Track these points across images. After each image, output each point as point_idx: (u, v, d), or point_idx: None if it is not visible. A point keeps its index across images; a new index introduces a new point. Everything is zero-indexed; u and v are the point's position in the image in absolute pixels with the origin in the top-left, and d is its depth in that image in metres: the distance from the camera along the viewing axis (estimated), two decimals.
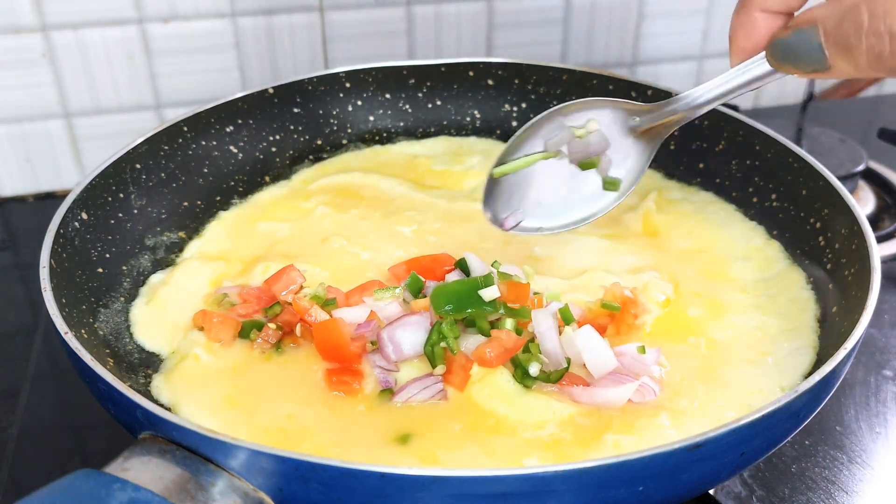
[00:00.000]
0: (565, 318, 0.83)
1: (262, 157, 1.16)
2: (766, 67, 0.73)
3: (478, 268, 0.89)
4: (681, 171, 1.13)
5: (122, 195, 1.00)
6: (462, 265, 0.90)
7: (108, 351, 0.84)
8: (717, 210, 1.07)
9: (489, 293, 0.80)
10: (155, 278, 0.97)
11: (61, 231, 0.88)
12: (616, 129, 0.86)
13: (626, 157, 0.88)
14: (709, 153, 1.11)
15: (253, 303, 0.89)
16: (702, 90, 0.80)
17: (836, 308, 0.87)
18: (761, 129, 1.05)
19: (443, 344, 0.80)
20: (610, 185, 0.87)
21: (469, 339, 0.82)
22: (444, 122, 1.24)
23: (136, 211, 1.01)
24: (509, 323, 0.82)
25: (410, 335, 0.81)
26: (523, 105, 1.23)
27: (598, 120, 0.86)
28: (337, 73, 1.20)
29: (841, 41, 0.64)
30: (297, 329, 0.85)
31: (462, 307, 0.81)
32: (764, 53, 0.72)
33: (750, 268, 0.97)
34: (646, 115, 0.85)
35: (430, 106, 1.24)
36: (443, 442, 0.75)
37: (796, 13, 0.70)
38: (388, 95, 1.23)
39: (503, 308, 0.82)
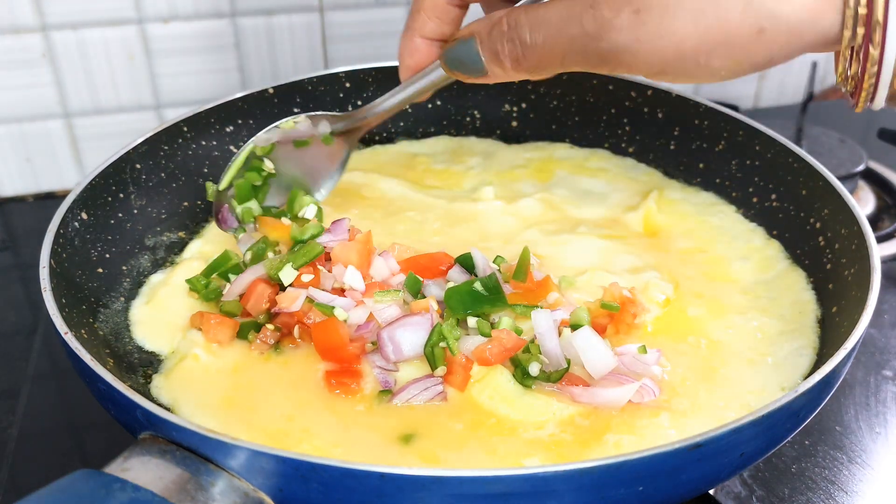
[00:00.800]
0: (578, 320, 0.83)
1: None
2: (440, 73, 0.86)
3: (482, 264, 0.89)
4: (681, 171, 1.13)
5: (122, 195, 1.00)
6: (463, 261, 0.90)
7: (108, 351, 0.84)
8: (717, 210, 1.07)
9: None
10: (155, 278, 0.97)
11: (61, 231, 0.88)
12: (322, 130, 1.00)
13: (334, 153, 1.02)
14: (709, 153, 1.11)
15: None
16: (383, 99, 0.94)
17: (836, 308, 0.87)
18: (761, 129, 1.05)
19: (442, 344, 0.80)
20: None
21: (469, 340, 0.82)
22: (444, 122, 1.24)
23: (136, 211, 1.01)
24: (507, 322, 0.82)
25: (411, 336, 0.81)
26: (523, 105, 1.23)
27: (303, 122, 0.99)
28: (337, 73, 1.20)
29: (491, 48, 0.77)
30: (295, 331, 0.85)
31: (478, 305, 0.83)
32: (437, 62, 0.85)
33: (750, 268, 0.97)
34: (342, 121, 0.99)
35: (429, 106, 1.24)
36: (444, 442, 0.75)
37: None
38: None
39: (520, 308, 0.84)
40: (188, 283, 0.92)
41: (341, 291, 0.86)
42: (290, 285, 0.86)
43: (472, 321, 0.83)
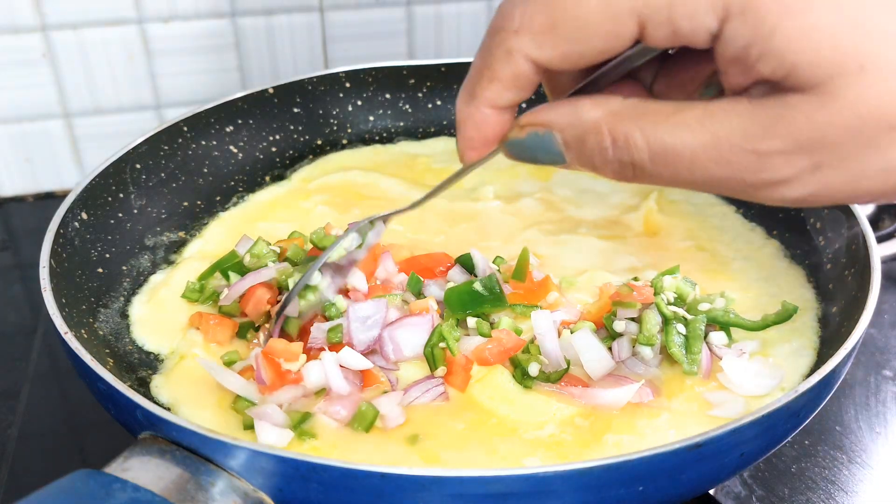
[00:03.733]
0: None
1: (262, 157, 1.16)
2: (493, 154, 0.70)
3: (482, 264, 0.89)
4: None
5: (122, 195, 1.00)
6: (463, 261, 0.90)
7: (108, 351, 0.84)
8: (717, 210, 1.07)
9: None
10: (155, 278, 0.97)
11: (61, 231, 0.88)
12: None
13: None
14: None
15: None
16: (432, 194, 0.80)
17: (836, 308, 0.87)
18: None
19: (442, 345, 0.80)
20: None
21: (469, 340, 0.82)
22: (444, 122, 1.24)
23: (136, 211, 1.01)
24: (506, 322, 0.82)
25: (411, 336, 0.81)
26: (523, 105, 1.22)
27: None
28: (337, 73, 1.20)
29: (584, 159, 0.60)
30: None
31: (478, 306, 0.83)
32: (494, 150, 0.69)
33: (750, 267, 0.97)
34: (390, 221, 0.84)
35: (430, 106, 1.24)
36: (445, 442, 0.75)
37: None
38: (388, 95, 1.23)
39: (520, 308, 0.84)
40: (184, 297, 0.92)
41: (346, 292, 0.86)
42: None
43: (471, 321, 0.83)
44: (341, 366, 0.78)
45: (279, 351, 0.78)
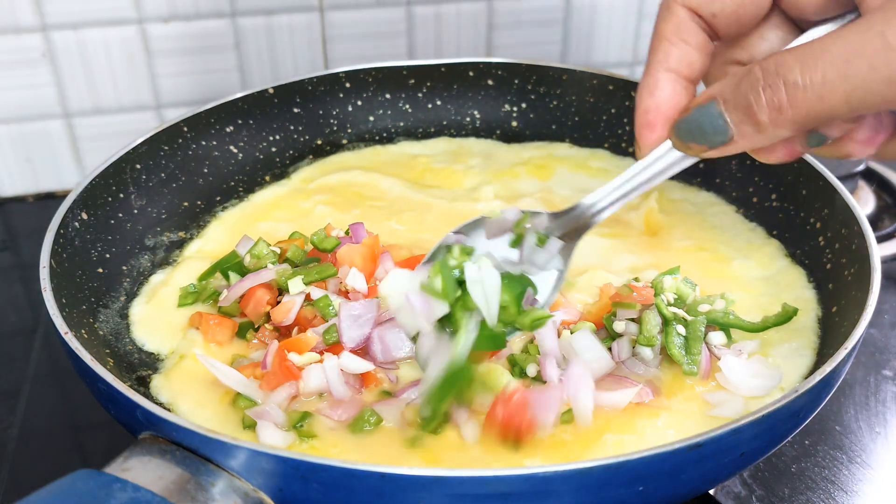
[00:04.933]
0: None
1: (262, 157, 1.16)
2: (672, 157, 0.73)
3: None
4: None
5: (122, 195, 1.00)
6: None
7: (108, 351, 0.84)
8: (718, 211, 1.07)
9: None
10: (155, 278, 0.97)
11: (61, 231, 0.88)
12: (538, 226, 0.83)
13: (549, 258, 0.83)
14: None
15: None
16: (607, 192, 0.79)
17: (836, 308, 0.87)
18: None
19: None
20: (541, 239, 0.82)
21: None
22: (444, 122, 1.24)
23: (136, 211, 1.01)
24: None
25: (403, 337, 0.81)
26: (523, 105, 1.23)
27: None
28: (337, 73, 1.20)
29: (740, 102, 0.64)
30: (294, 332, 0.85)
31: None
32: (668, 145, 0.73)
33: (750, 267, 0.97)
34: (561, 219, 0.82)
35: (430, 106, 1.24)
36: (445, 442, 0.75)
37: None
38: (388, 95, 1.23)
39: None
40: (179, 305, 0.92)
41: (346, 293, 0.86)
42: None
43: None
44: (342, 370, 0.79)
45: (291, 342, 0.79)
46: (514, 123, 1.23)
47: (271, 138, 1.17)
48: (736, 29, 0.73)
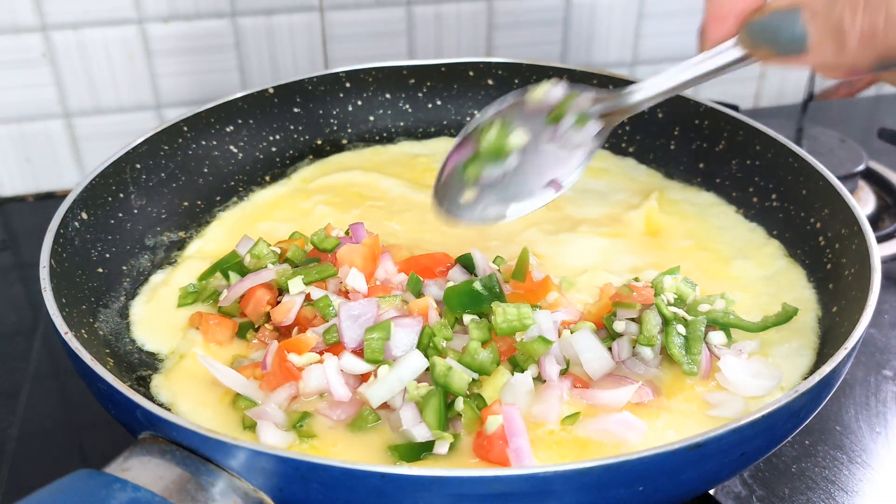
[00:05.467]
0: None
1: (262, 156, 1.16)
2: (734, 55, 0.71)
3: (482, 264, 0.89)
4: (681, 171, 1.13)
5: (122, 195, 1.00)
6: (463, 261, 0.90)
7: (108, 351, 0.84)
8: (718, 210, 1.07)
9: None
10: (155, 278, 0.97)
11: (61, 231, 0.88)
12: (580, 106, 0.83)
13: (580, 140, 0.84)
14: (709, 153, 1.11)
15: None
16: (658, 81, 0.78)
17: (836, 308, 0.87)
18: (761, 129, 1.05)
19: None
20: (581, 119, 0.82)
21: (460, 340, 0.81)
22: (444, 122, 1.24)
23: (136, 211, 1.01)
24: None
25: (403, 336, 0.81)
26: None
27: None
28: (337, 73, 1.20)
29: (831, 19, 0.62)
30: (294, 332, 0.85)
31: (477, 305, 0.83)
32: (732, 41, 0.70)
33: (750, 267, 0.97)
34: (605, 102, 0.81)
35: (430, 106, 1.24)
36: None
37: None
38: (388, 95, 1.23)
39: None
40: (179, 305, 0.91)
41: (346, 293, 0.86)
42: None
43: (467, 319, 0.83)
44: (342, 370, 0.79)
45: (291, 342, 0.79)
46: None
47: (271, 138, 1.17)
48: None
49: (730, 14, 0.70)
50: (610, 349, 0.82)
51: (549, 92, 0.80)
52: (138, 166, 1.02)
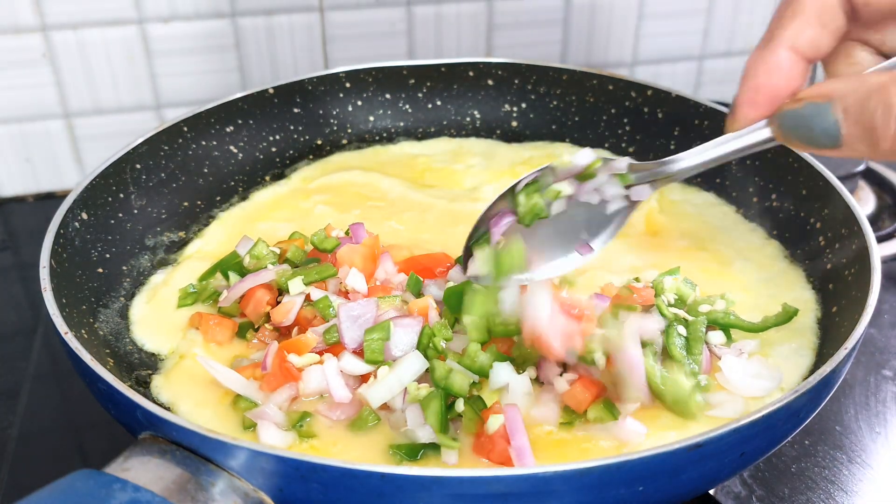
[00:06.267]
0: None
1: (262, 157, 1.16)
2: (764, 135, 0.70)
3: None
4: None
5: (122, 195, 1.00)
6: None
7: (108, 351, 0.84)
8: (718, 210, 1.07)
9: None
10: (155, 278, 0.97)
11: (61, 231, 0.88)
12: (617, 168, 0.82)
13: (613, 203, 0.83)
14: None
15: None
16: (695, 154, 0.76)
17: (836, 308, 0.87)
18: None
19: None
20: (623, 178, 0.81)
21: (460, 340, 0.81)
22: (444, 122, 1.24)
23: (136, 211, 1.01)
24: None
25: (403, 337, 0.81)
26: (523, 105, 1.23)
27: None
28: (337, 73, 1.20)
29: (864, 121, 0.59)
30: (294, 332, 0.85)
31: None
32: (763, 123, 0.69)
33: (750, 267, 0.97)
34: (642, 171, 0.80)
35: (430, 106, 1.24)
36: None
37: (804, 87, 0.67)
38: (388, 95, 1.23)
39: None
40: (179, 306, 0.91)
41: (346, 294, 0.86)
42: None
43: (466, 319, 0.83)
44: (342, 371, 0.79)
45: (290, 342, 0.79)
46: (514, 123, 1.23)
47: (271, 138, 1.17)
48: (881, 16, 0.67)
49: (764, 101, 0.68)
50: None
51: (575, 158, 0.80)
52: (138, 166, 1.02)
